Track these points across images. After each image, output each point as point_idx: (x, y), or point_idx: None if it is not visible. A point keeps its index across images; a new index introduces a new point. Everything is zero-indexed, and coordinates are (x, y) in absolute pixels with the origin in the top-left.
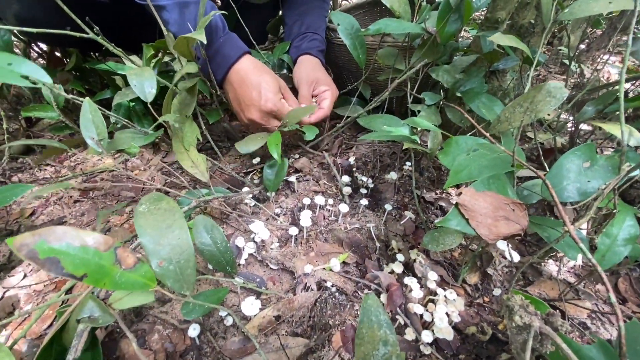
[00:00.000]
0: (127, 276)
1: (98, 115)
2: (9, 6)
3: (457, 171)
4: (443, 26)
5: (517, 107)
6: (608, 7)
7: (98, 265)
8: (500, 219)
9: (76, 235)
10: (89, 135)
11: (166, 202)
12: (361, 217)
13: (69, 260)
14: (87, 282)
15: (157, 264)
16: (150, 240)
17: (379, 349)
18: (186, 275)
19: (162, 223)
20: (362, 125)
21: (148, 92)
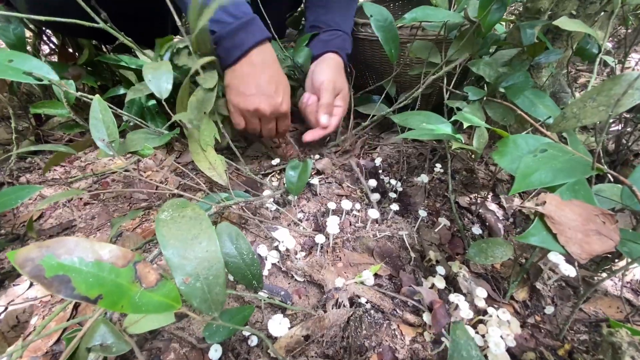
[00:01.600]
0: (148, 296)
1: (108, 114)
2: None
3: (525, 174)
4: (485, 15)
5: (588, 102)
6: None
7: (115, 284)
8: (591, 234)
9: (90, 247)
10: (99, 137)
11: (191, 209)
12: (391, 224)
13: (81, 279)
14: (103, 305)
15: (182, 281)
16: (175, 253)
17: None
18: (214, 293)
19: (187, 233)
20: (397, 123)
21: (164, 88)
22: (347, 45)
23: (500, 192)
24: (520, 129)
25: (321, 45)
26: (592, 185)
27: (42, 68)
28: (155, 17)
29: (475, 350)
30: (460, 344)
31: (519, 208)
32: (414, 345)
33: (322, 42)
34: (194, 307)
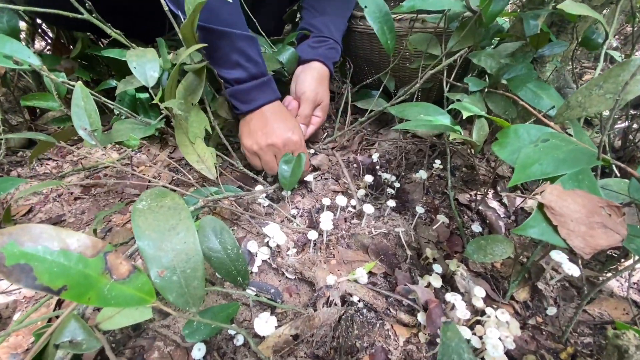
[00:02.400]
0: (119, 289)
1: (91, 102)
2: None
3: (524, 165)
4: (488, 4)
5: (594, 89)
6: None
7: (82, 274)
8: (596, 227)
9: (56, 235)
10: (81, 125)
11: (170, 199)
12: (387, 221)
13: (43, 268)
14: (66, 296)
15: (157, 274)
16: (150, 244)
17: None
18: (192, 287)
19: (165, 223)
20: (395, 115)
21: (150, 75)
22: (335, 54)
23: (502, 190)
24: (523, 122)
25: (309, 51)
26: (598, 178)
27: (23, 51)
28: (152, 16)
29: (468, 354)
30: (451, 347)
31: (521, 206)
32: (408, 346)
33: (311, 48)
34: (170, 302)
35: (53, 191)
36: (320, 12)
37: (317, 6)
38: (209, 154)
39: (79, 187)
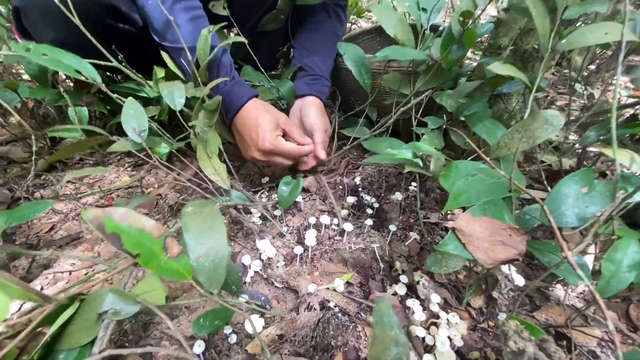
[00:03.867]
0: (170, 264)
1: (140, 110)
2: (47, 34)
3: (456, 195)
4: (447, 54)
5: (515, 134)
6: (604, 38)
7: (149, 248)
8: (497, 244)
9: (137, 218)
10: (131, 126)
11: (209, 208)
12: (366, 237)
13: (128, 238)
14: (139, 260)
15: (195, 259)
16: (193, 237)
17: (391, 349)
18: (217, 274)
19: (204, 224)
20: (367, 148)
21: (178, 101)
22: (326, 90)
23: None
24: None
25: (306, 88)
26: (513, 204)
27: (89, 69)
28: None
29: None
30: (383, 312)
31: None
32: None
33: (307, 85)
34: (199, 282)
35: (72, 210)
36: (311, 53)
37: (308, 48)
38: (222, 168)
39: (94, 207)
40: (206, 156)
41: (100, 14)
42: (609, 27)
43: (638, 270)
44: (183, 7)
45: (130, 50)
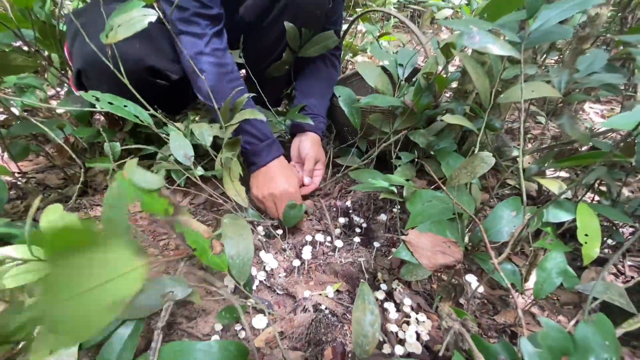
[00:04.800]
0: (214, 258)
1: (185, 141)
2: (100, 87)
3: (414, 217)
4: (418, 100)
5: (462, 170)
6: (532, 95)
7: (202, 246)
8: (437, 253)
9: (196, 224)
10: (182, 153)
11: (241, 220)
12: (354, 253)
13: (189, 237)
14: (196, 253)
15: (230, 257)
16: (230, 241)
17: (367, 316)
18: (244, 270)
19: (237, 232)
20: (353, 177)
21: (207, 138)
22: (323, 126)
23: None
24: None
25: (304, 124)
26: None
27: (144, 115)
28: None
29: (371, 296)
30: (364, 291)
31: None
32: None
33: (305, 122)
34: (231, 274)
35: None
36: (310, 95)
37: (307, 91)
38: (242, 190)
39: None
40: (230, 180)
41: (142, 73)
42: (535, 85)
43: (563, 275)
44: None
45: (161, 94)
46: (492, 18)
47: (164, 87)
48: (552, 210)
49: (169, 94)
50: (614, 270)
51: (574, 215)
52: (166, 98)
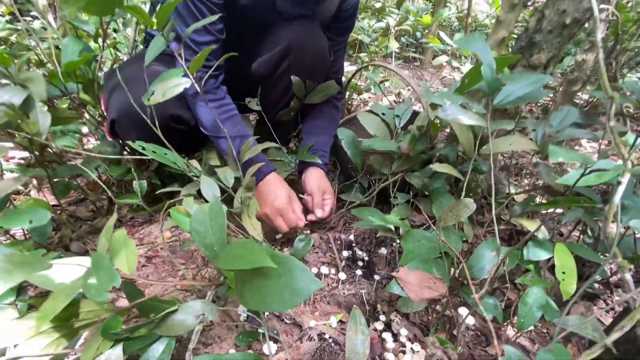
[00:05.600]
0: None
1: (212, 183)
2: (131, 134)
3: (406, 255)
4: (414, 146)
5: (448, 212)
6: (510, 147)
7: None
8: (424, 288)
9: None
10: (211, 193)
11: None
12: (357, 285)
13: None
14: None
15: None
16: None
17: (359, 335)
18: None
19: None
20: (355, 215)
21: (229, 180)
22: (326, 160)
23: None
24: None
25: (310, 161)
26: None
27: (180, 161)
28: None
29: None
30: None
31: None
32: None
33: (311, 158)
34: None
35: None
36: (315, 135)
37: (313, 131)
38: (257, 225)
39: (144, 257)
40: (248, 217)
41: (166, 120)
42: (513, 139)
43: (543, 309)
44: (222, 110)
45: (181, 137)
46: (466, 88)
47: (183, 130)
48: (533, 249)
49: (186, 136)
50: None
51: (552, 254)
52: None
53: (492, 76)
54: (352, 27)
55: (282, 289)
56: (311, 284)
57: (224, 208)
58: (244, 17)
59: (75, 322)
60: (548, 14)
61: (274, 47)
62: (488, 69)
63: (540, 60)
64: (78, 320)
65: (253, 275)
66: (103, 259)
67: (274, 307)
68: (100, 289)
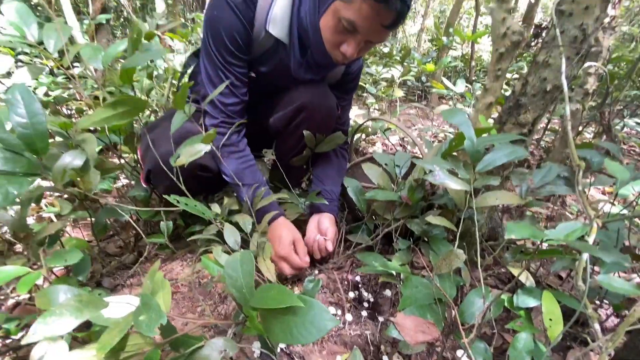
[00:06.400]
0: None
1: (235, 231)
2: (163, 182)
3: (404, 300)
4: (412, 194)
5: (442, 261)
6: (496, 202)
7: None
8: (419, 332)
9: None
10: (233, 239)
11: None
12: (362, 326)
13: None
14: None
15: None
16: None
17: None
18: None
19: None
20: (360, 259)
21: (248, 227)
22: (336, 208)
23: None
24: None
25: (321, 206)
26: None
27: (207, 212)
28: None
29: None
30: (356, 355)
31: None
32: None
33: (324, 205)
34: (268, 339)
35: None
36: (325, 182)
37: (322, 178)
38: (272, 267)
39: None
40: (262, 259)
41: (195, 169)
42: (499, 194)
43: (532, 353)
44: (242, 161)
45: (205, 182)
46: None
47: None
48: (522, 297)
49: (210, 180)
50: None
51: (540, 301)
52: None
53: (473, 148)
54: (357, 86)
55: (307, 324)
56: (330, 322)
57: (253, 257)
58: (264, 82)
59: (122, 353)
60: (531, 80)
61: (288, 105)
62: (469, 142)
63: (527, 119)
64: (125, 352)
65: (282, 312)
66: (151, 300)
67: (299, 339)
68: (150, 326)
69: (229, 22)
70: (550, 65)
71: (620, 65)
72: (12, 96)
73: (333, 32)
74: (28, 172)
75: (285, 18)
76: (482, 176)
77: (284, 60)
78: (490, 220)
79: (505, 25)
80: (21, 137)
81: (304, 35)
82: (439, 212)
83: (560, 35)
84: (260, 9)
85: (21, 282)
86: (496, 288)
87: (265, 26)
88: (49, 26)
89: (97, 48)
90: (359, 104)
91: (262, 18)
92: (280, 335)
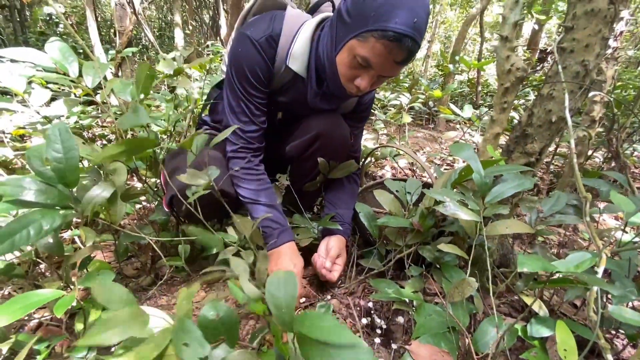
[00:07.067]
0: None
1: (243, 263)
2: (180, 207)
3: (418, 328)
4: (423, 221)
5: (455, 289)
6: (506, 231)
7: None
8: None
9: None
10: (242, 269)
11: None
12: (375, 353)
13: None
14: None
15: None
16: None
17: None
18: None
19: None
20: (372, 285)
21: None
22: (349, 232)
23: None
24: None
25: (333, 229)
26: (453, 335)
27: (227, 236)
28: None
29: None
30: None
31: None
32: None
33: (334, 227)
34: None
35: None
36: (337, 206)
37: (335, 203)
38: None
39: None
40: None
41: (215, 196)
42: (509, 223)
43: None
44: (259, 182)
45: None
46: (461, 179)
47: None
48: (535, 326)
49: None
50: None
51: (554, 331)
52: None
53: (481, 181)
54: (369, 115)
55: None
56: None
57: (297, 278)
58: (282, 110)
59: None
60: (537, 112)
61: (304, 134)
62: (477, 175)
63: (534, 149)
64: None
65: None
66: (190, 325)
67: None
68: (194, 355)
69: (252, 59)
70: (555, 97)
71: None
72: (52, 132)
73: (348, 67)
74: (59, 204)
75: (305, 54)
76: (491, 205)
77: (302, 91)
78: (502, 247)
79: (509, 62)
80: (55, 170)
81: (321, 69)
82: (450, 239)
83: (563, 70)
84: (281, 47)
85: (58, 304)
86: (509, 316)
87: (285, 62)
88: (87, 64)
89: (126, 83)
90: (368, 128)
91: (283, 55)
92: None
